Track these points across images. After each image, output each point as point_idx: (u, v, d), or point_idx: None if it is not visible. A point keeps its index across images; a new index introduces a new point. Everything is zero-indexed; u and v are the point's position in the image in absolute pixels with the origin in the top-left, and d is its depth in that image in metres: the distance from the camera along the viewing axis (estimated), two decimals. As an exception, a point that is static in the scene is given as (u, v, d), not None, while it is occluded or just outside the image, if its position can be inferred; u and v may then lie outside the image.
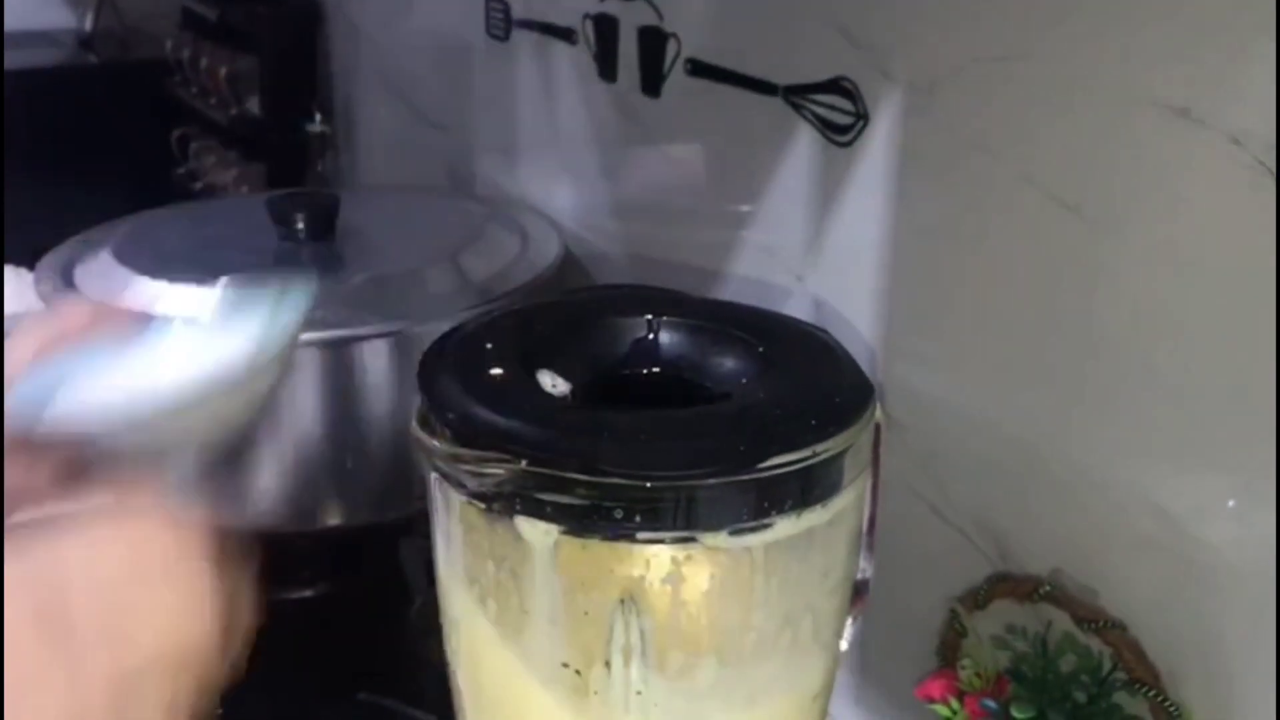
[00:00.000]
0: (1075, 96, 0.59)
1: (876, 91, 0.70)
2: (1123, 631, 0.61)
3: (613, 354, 0.58)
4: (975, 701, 0.63)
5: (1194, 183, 0.55)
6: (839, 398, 0.51)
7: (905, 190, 0.70)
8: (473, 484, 0.48)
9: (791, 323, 0.58)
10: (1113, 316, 0.60)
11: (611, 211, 0.98)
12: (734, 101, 0.81)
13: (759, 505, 0.48)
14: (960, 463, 0.71)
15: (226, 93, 1.51)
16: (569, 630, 0.49)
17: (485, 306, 0.87)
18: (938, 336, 0.70)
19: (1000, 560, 0.69)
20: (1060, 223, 0.61)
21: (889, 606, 0.66)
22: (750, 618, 0.50)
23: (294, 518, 0.89)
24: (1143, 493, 0.61)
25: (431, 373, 0.52)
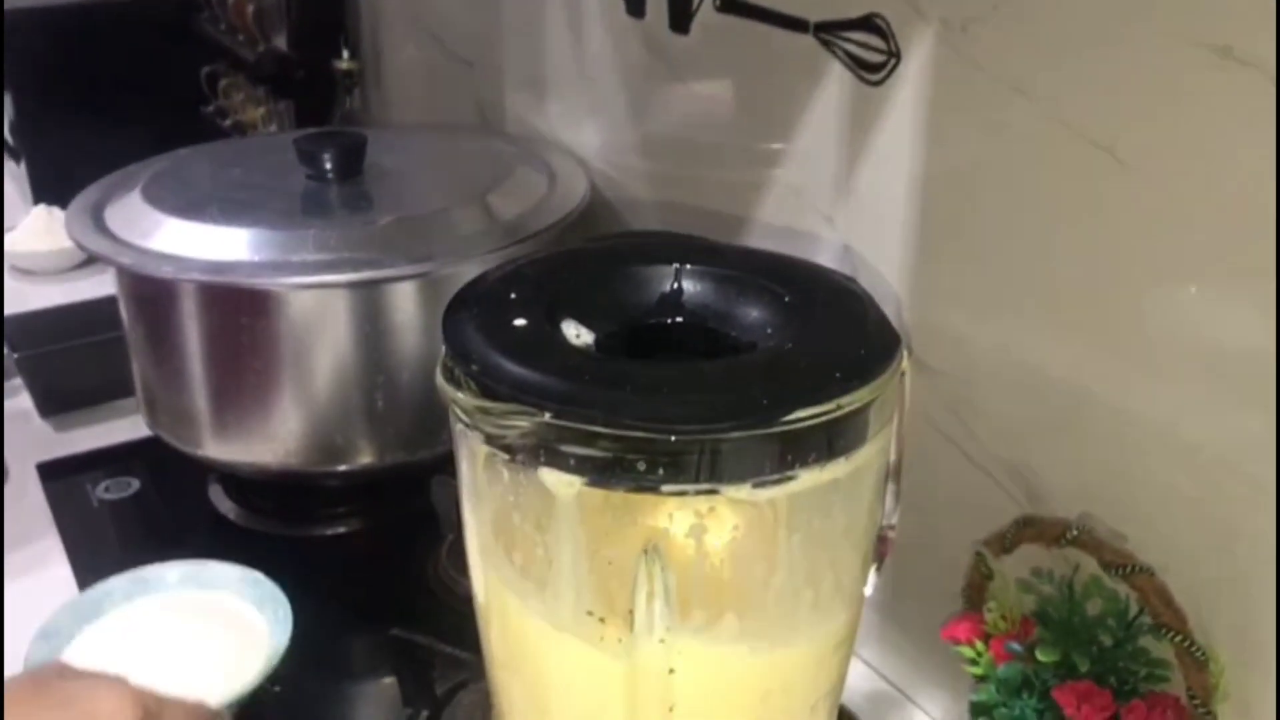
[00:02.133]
0: (1112, 35, 0.58)
1: (909, 29, 0.68)
2: (1151, 576, 0.61)
3: (637, 303, 0.57)
4: (1000, 644, 0.64)
5: (1234, 124, 0.54)
6: (865, 350, 0.50)
7: (936, 130, 0.69)
8: (497, 435, 0.48)
9: (819, 272, 0.58)
10: (1145, 260, 0.59)
11: (639, 150, 0.97)
12: (764, 38, 0.79)
13: (782, 458, 0.47)
14: (989, 406, 0.70)
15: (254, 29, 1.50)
16: (593, 579, 0.50)
17: (513, 247, 0.87)
18: (968, 279, 0.70)
19: (1028, 503, 0.69)
20: (1094, 164, 0.60)
21: (915, 549, 0.66)
22: (773, 568, 0.50)
23: (326, 457, 0.90)
24: (1174, 438, 0.60)
25: (455, 323, 0.52)
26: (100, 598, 0.78)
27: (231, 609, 0.80)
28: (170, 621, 0.78)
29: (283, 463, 0.90)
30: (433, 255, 0.85)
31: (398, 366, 0.88)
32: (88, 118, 1.50)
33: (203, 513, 0.99)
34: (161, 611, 0.79)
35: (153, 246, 0.87)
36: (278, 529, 0.97)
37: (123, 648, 0.75)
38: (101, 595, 0.78)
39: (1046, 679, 0.62)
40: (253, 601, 0.80)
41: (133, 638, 0.77)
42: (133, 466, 1.04)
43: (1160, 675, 0.61)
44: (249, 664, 0.74)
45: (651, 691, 0.51)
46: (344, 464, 0.91)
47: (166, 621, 0.78)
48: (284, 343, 0.87)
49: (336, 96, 1.43)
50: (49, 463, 1.05)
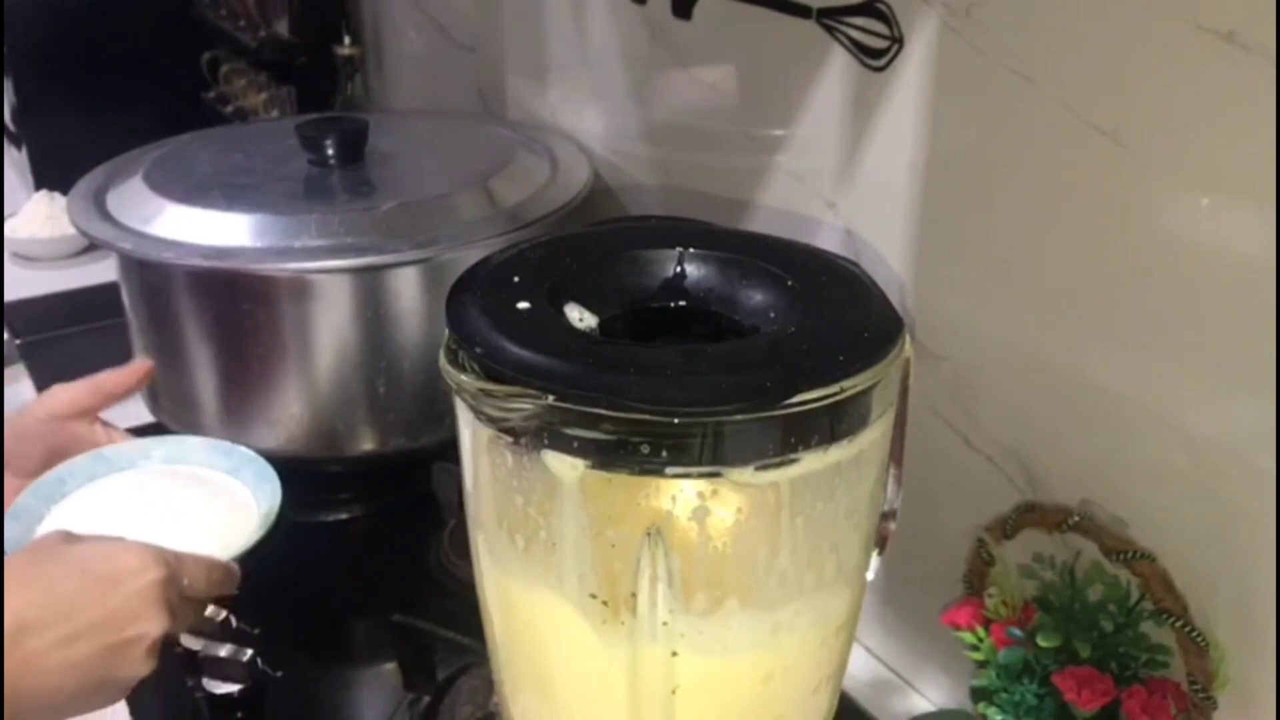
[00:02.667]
0: (1115, 20, 0.58)
1: (912, 14, 0.68)
2: (1151, 562, 0.61)
3: (641, 287, 0.57)
4: (1001, 629, 0.64)
5: (1236, 109, 0.54)
6: (868, 333, 0.50)
7: (939, 115, 0.69)
8: (500, 418, 0.48)
9: (822, 255, 0.58)
10: (1148, 245, 0.59)
11: (641, 136, 0.97)
12: (766, 24, 0.79)
13: (785, 440, 0.47)
14: (991, 392, 0.70)
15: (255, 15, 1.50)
16: (596, 562, 0.50)
17: (515, 233, 0.87)
18: (969, 264, 0.70)
19: (1029, 490, 0.69)
20: (1097, 149, 0.60)
21: (917, 535, 0.66)
22: (776, 551, 0.50)
23: (328, 444, 0.90)
24: (1175, 424, 0.60)
25: (459, 307, 0.52)
26: (63, 476, 0.74)
27: (206, 478, 0.76)
28: (144, 494, 0.74)
29: (285, 449, 0.90)
30: (434, 241, 0.85)
31: (399, 352, 0.88)
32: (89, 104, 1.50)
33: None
34: (131, 486, 0.75)
35: (154, 232, 0.87)
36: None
37: (100, 521, 0.71)
38: (64, 474, 0.74)
39: (1047, 664, 0.62)
40: (227, 471, 0.76)
41: (108, 511, 0.73)
42: (135, 453, 1.04)
43: (1161, 661, 0.61)
44: (239, 526, 0.71)
45: (654, 674, 0.51)
46: (346, 450, 0.91)
47: (139, 494, 0.74)
48: (286, 328, 0.87)
49: (338, 82, 1.43)
50: (51, 448, 1.05)
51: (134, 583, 0.58)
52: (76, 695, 0.58)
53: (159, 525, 0.70)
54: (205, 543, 0.68)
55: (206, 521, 0.71)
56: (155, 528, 0.69)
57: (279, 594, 0.88)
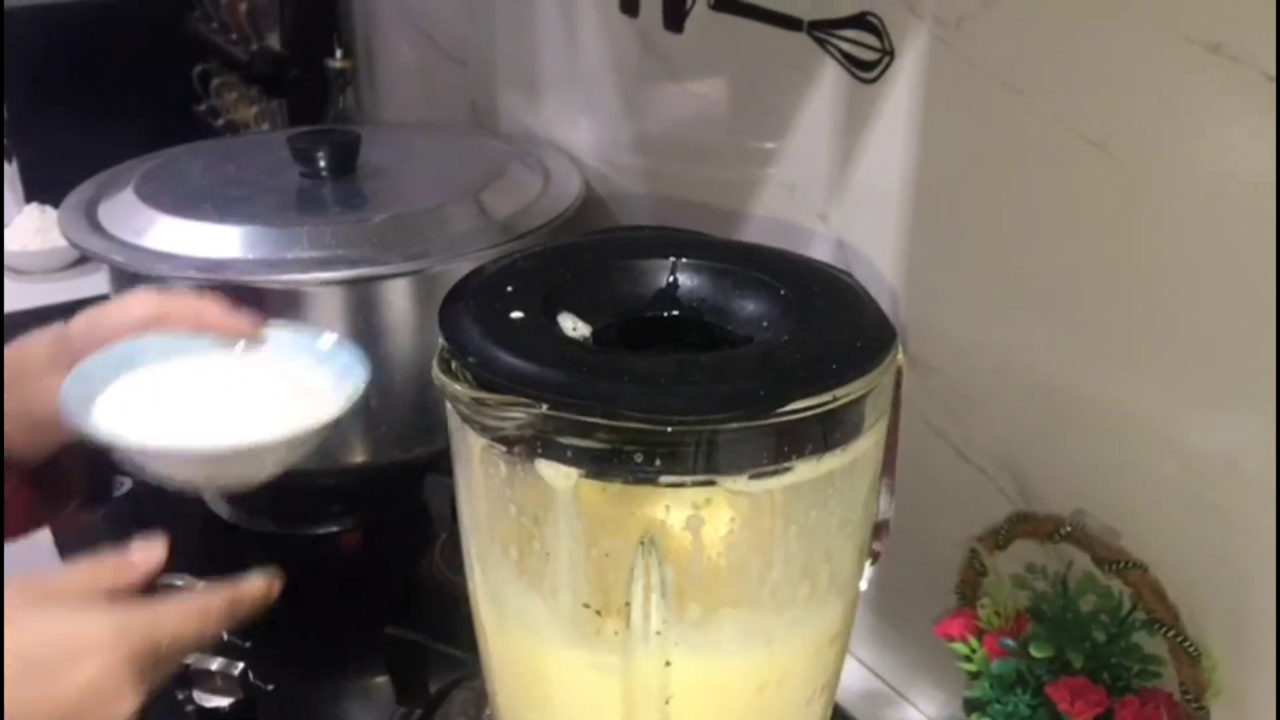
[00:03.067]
0: (1104, 32, 0.58)
1: (903, 26, 0.69)
2: (1144, 572, 0.61)
3: (634, 297, 0.58)
4: (994, 640, 0.64)
5: (1226, 120, 0.54)
6: (861, 342, 0.50)
7: (930, 127, 0.69)
8: (494, 428, 0.48)
9: (814, 265, 0.58)
10: (1139, 256, 0.59)
11: (633, 149, 0.97)
12: (758, 37, 0.79)
13: (779, 449, 0.48)
14: (983, 403, 0.70)
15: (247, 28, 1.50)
16: (589, 572, 0.50)
17: (507, 245, 0.87)
18: (961, 275, 0.70)
19: (1021, 500, 0.69)
20: (1088, 160, 0.60)
21: (910, 546, 0.66)
22: (770, 560, 0.50)
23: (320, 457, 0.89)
24: (1166, 434, 0.60)
25: (452, 316, 0.52)
26: (135, 350, 0.69)
27: (288, 368, 0.71)
28: (216, 376, 0.70)
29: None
30: (426, 253, 0.85)
31: (391, 364, 0.88)
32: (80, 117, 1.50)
33: (196, 512, 0.99)
34: (204, 369, 0.70)
35: (146, 244, 0.87)
36: (271, 528, 0.97)
37: (165, 398, 0.68)
38: (137, 348, 0.69)
39: (1040, 675, 0.62)
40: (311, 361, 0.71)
41: (176, 389, 0.69)
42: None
43: (1153, 671, 0.61)
44: (311, 408, 0.66)
45: (648, 684, 0.51)
46: (338, 462, 0.90)
47: (211, 377, 0.70)
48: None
49: (330, 95, 1.43)
50: (41, 462, 1.04)
51: (91, 665, 0.52)
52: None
53: (228, 407, 0.68)
54: (271, 425, 0.64)
55: (276, 404, 0.68)
56: (223, 409, 0.68)
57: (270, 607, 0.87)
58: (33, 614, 0.54)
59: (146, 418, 0.66)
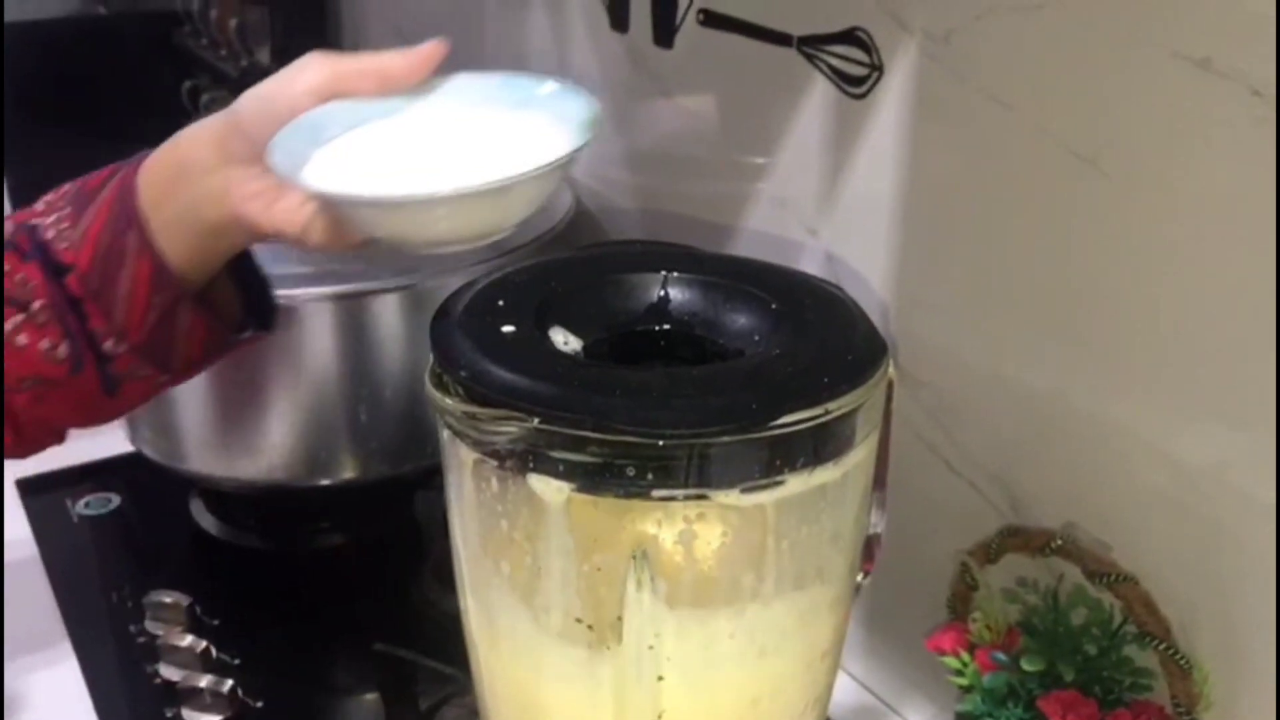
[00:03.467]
0: (1093, 47, 0.58)
1: (892, 42, 0.69)
2: (1134, 585, 0.61)
3: (625, 311, 0.58)
4: (986, 654, 0.64)
5: (1213, 135, 0.54)
6: (852, 355, 0.51)
7: (920, 142, 0.69)
8: (485, 442, 0.48)
9: (805, 279, 0.58)
10: (1128, 270, 0.60)
11: (624, 164, 0.98)
12: (747, 52, 0.80)
13: (771, 463, 0.48)
14: (973, 416, 0.71)
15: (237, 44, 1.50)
16: (582, 586, 0.50)
17: (498, 260, 0.87)
18: (952, 290, 0.70)
19: (1012, 513, 0.69)
20: (1077, 175, 0.60)
21: (900, 559, 0.66)
22: (762, 574, 0.50)
23: (309, 471, 0.89)
24: (1156, 446, 0.60)
25: (444, 330, 0.52)
26: (320, 121, 0.60)
27: (493, 114, 0.62)
28: (418, 129, 0.62)
29: (266, 477, 0.89)
30: (417, 268, 0.85)
31: (382, 379, 0.88)
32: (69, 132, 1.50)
33: (184, 528, 0.98)
34: (404, 124, 0.62)
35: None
36: (260, 544, 0.97)
37: (368, 162, 0.59)
38: (320, 119, 0.60)
39: (1032, 689, 0.62)
40: (517, 105, 0.63)
41: (377, 151, 0.60)
42: (113, 482, 1.03)
43: (1144, 684, 0.61)
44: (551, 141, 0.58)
45: (641, 699, 0.51)
46: (327, 478, 0.90)
47: (414, 130, 0.62)
48: (267, 355, 0.86)
49: (319, 112, 1.43)
50: (28, 478, 1.04)
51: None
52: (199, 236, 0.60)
53: (456, 153, 0.60)
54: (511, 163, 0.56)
55: (507, 145, 0.60)
56: (452, 156, 0.60)
57: (259, 623, 0.87)
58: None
59: (374, 175, 0.58)
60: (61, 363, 0.62)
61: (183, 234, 0.61)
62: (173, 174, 0.61)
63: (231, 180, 0.59)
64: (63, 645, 0.84)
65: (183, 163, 0.61)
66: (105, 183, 0.63)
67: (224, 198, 0.59)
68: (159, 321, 0.62)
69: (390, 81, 0.61)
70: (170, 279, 0.61)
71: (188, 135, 0.62)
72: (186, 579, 0.89)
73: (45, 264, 0.62)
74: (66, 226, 0.62)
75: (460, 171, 0.56)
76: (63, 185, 0.66)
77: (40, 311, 0.61)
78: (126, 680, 0.81)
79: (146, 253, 0.60)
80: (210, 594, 0.87)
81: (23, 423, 0.65)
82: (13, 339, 0.62)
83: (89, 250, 0.61)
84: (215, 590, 0.88)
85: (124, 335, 0.62)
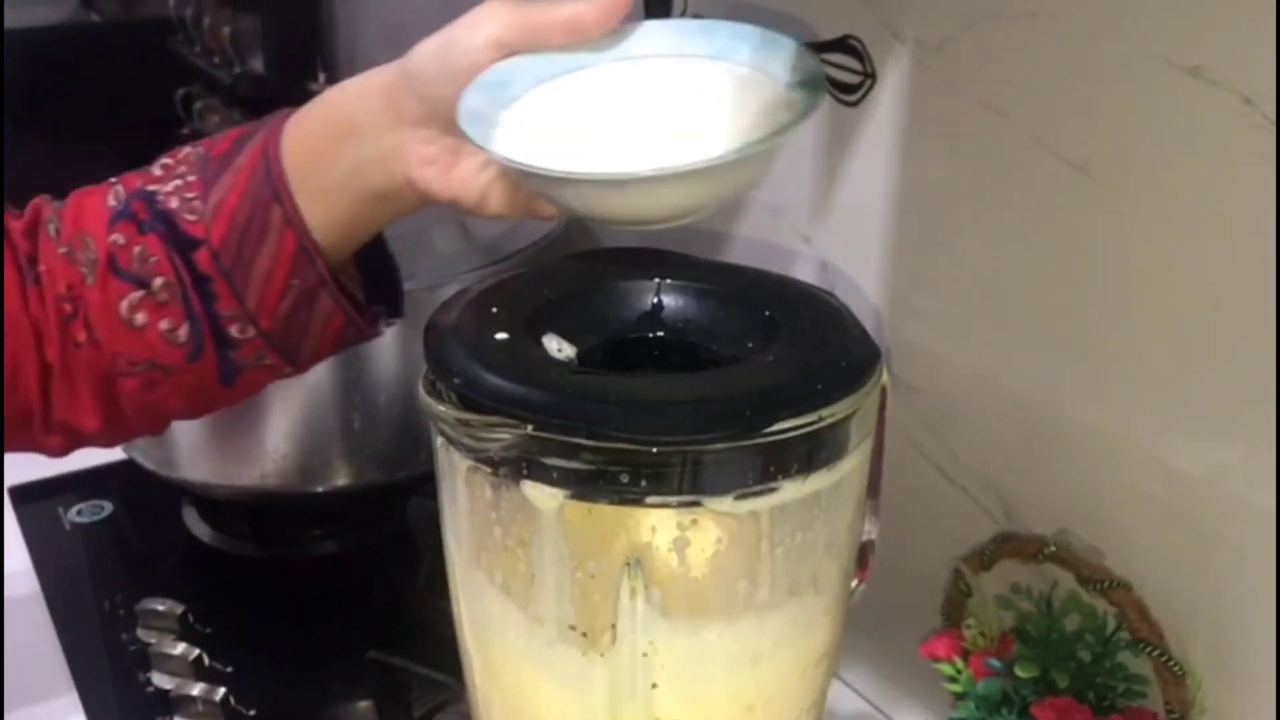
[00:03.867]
0: (1085, 55, 0.59)
1: (884, 50, 0.69)
2: (1128, 591, 0.61)
3: (619, 318, 0.58)
4: (980, 661, 0.64)
5: (1205, 143, 0.54)
6: (845, 362, 0.51)
7: (912, 150, 0.70)
8: (479, 449, 0.48)
9: (799, 286, 0.58)
10: (1121, 277, 0.60)
11: (617, 171, 0.98)
12: (740, 60, 0.80)
13: (765, 469, 0.48)
14: (966, 423, 0.71)
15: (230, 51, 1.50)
16: (575, 593, 0.49)
17: (491, 267, 0.87)
18: (945, 297, 0.70)
19: (1005, 520, 0.69)
20: (1069, 183, 0.60)
21: (894, 566, 0.66)
22: (756, 581, 0.50)
23: (302, 479, 0.89)
24: (1150, 453, 0.61)
25: (437, 337, 0.52)
26: (503, 79, 0.54)
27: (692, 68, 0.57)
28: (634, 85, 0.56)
29: (258, 484, 0.89)
30: (410, 275, 0.85)
31: (374, 386, 0.88)
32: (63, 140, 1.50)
33: (176, 536, 0.98)
34: (597, 82, 0.56)
35: None
36: (253, 552, 0.96)
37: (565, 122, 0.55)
38: (503, 76, 0.54)
39: (1026, 695, 0.62)
40: (715, 55, 0.56)
41: (573, 108, 0.55)
42: (105, 489, 1.03)
43: (1138, 691, 0.61)
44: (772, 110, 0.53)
45: (635, 706, 0.51)
46: (320, 485, 0.90)
47: (628, 86, 0.56)
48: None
49: (313, 119, 1.43)
50: (20, 486, 1.04)
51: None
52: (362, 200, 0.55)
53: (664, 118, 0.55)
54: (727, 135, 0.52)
55: (720, 110, 0.55)
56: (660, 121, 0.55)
57: (252, 631, 0.87)
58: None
59: (566, 140, 0.54)
60: (181, 346, 0.57)
61: (339, 203, 0.56)
62: (332, 136, 0.56)
63: (404, 143, 0.55)
64: (55, 653, 0.83)
65: (345, 124, 0.55)
66: (237, 146, 0.57)
67: (394, 162, 0.55)
68: (294, 306, 0.57)
69: (581, 33, 0.54)
70: (313, 259, 0.56)
71: (349, 94, 0.56)
72: (179, 587, 0.89)
73: (169, 237, 0.56)
74: (193, 197, 0.56)
75: (663, 144, 0.53)
76: (179, 148, 0.60)
77: (162, 289, 0.56)
78: (119, 688, 0.81)
79: (290, 228, 0.55)
80: (203, 602, 0.87)
81: (125, 410, 0.60)
82: (130, 317, 0.56)
83: (222, 224, 0.55)
84: (208, 598, 0.88)
85: (254, 319, 0.57)
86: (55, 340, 0.57)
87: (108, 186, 0.59)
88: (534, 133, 0.54)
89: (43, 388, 0.57)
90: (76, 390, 0.58)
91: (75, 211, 0.58)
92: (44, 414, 0.58)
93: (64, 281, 0.57)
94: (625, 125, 0.55)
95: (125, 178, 0.59)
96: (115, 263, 0.56)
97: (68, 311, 0.57)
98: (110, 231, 0.57)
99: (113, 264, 0.56)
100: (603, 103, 0.55)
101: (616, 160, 0.53)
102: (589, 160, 0.53)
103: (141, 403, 0.59)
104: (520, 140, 0.54)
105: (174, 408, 0.61)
